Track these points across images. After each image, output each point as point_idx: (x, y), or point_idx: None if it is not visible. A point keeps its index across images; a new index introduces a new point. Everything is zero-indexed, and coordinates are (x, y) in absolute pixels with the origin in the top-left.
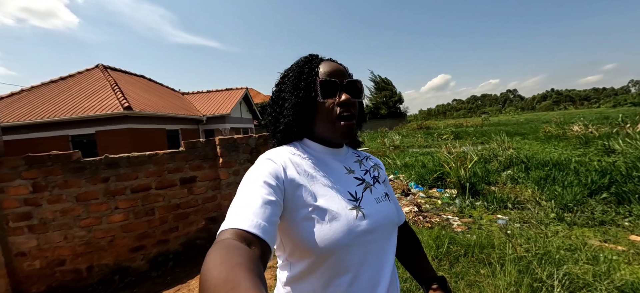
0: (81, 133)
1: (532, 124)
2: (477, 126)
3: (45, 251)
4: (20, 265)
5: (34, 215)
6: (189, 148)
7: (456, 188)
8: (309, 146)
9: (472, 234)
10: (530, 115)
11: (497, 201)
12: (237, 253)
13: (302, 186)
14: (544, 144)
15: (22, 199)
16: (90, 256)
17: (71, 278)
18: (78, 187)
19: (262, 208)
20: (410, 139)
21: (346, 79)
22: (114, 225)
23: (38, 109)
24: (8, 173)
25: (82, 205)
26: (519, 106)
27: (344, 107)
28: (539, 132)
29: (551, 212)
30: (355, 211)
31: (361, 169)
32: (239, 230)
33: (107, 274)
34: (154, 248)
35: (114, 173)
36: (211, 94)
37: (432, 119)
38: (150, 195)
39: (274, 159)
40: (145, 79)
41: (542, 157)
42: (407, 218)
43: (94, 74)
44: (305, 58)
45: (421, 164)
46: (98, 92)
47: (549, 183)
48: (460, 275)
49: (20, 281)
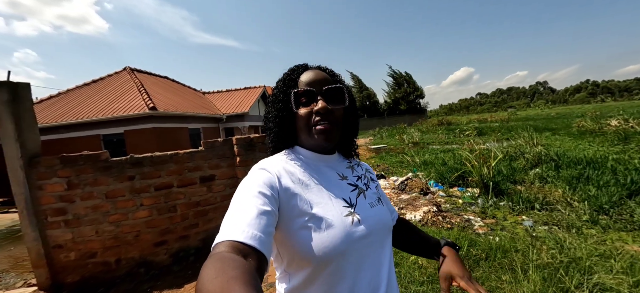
0: (111, 132)
1: (564, 119)
2: (503, 121)
3: (78, 244)
4: (57, 256)
5: (69, 211)
6: (208, 147)
7: (479, 187)
8: (301, 154)
9: (495, 236)
10: (562, 109)
11: (523, 201)
12: (232, 266)
13: (297, 195)
14: (577, 140)
15: (58, 195)
16: (118, 249)
17: (101, 270)
18: (107, 185)
19: (258, 218)
20: (431, 135)
21: (325, 86)
22: (139, 221)
23: (73, 110)
24: (45, 172)
25: (111, 201)
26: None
27: (319, 115)
28: (571, 127)
29: (584, 214)
30: (351, 217)
31: (353, 175)
32: (234, 242)
33: (133, 267)
34: (175, 243)
35: (138, 171)
36: (230, 93)
37: (454, 115)
38: (172, 192)
39: (268, 168)
40: (169, 80)
41: (575, 154)
42: (425, 218)
43: (122, 76)
44: (290, 69)
45: (441, 162)
46: (126, 93)
47: (582, 182)
48: (480, 280)
49: (58, 271)
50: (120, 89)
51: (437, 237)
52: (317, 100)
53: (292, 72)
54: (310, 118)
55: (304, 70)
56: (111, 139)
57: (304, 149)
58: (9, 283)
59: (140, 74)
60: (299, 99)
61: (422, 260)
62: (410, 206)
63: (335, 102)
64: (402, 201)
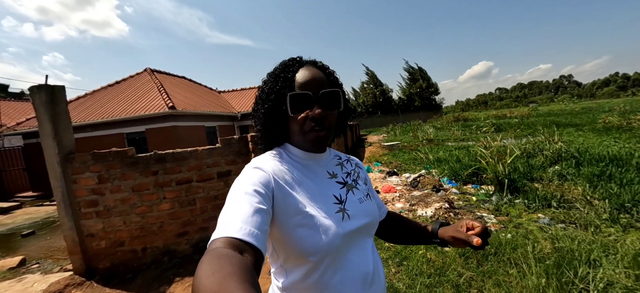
0: (134, 130)
1: (589, 114)
2: (523, 117)
3: (109, 233)
4: (90, 244)
5: (100, 203)
6: (225, 144)
7: (493, 184)
8: (292, 153)
9: (508, 233)
10: (588, 103)
11: (540, 199)
12: (228, 262)
13: (289, 194)
14: (602, 136)
15: (90, 189)
16: (144, 239)
17: (129, 257)
18: (133, 179)
19: (253, 216)
20: (446, 132)
21: (322, 90)
22: (162, 213)
23: (99, 110)
24: (79, 167)
25: (137, 194)
26: (575, 94)
27: (315, 122)
28: (597, 122)
29: (604, 213)
30: (342, 213)
31: (343, 172)
32: (230, 238)
33: (158, 255)
34: (196, 234)
35: (161, 167)
36: (245, 92)
37: (471, 111)
38: (192, 186)
39: (262, 167)
40: (186, 80)
41: (598, 151)
42: (436, 214)
43: (143, 77)
44: (284, 64)
45: (455, 159)
46: (147, 93)
47: (603, 180)
48: (488, 273)
49: (90, 258)
50: (142, 90)
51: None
52: (312, 105)
53: (286, 69)
54: (304, 122)
55: (299, 67)
56: (134, 137)
57: (294, 148)
58: (46, 269)
59: (160, 75)
60: (295, 103)
61: (430, 254)
62: (422, 202)
63: (331, 107)
64: (414, 197)
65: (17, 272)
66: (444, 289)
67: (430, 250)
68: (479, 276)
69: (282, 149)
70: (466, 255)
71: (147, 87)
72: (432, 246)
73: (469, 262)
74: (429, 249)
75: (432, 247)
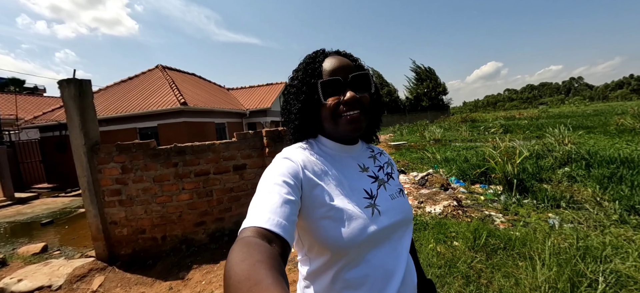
0: (146, 126)
1: (601, 116)
2: (533, 119)
3: (131, 221)
4: (113, 231)
5: (123, 192)
6: (240, 138)
7: (502, 184)
8: (324, 144)
9: (516, 232)
10: (600, 105)
11: (549, 199)
12: (258, 251)
13: (318, 186)
14: (614, 138)
15: (114, 178)
16: (164, 227)
17: (150, 245)
18: (155, 170)
19: (282, 207)
20: (453, 132)
21: (351, 73)
22: (182, 203)
23: (112, 106)
24: (104, 157)
25: (158, 185)
26: (586, 96)
27: (348, 106)
28: (609, 125)
29: (614, 214)
30: (371, 208)
31: (375, 166)
32: (260, 228)
33: (177, 243)
34: (212, 224)
35: (181, 159)
36: (253, 89)
37: (479, 111)
38: (209, 178)
39: (292, 158)
40: (196, 77)
41: (609, 153)
42: (445, 211)
43: (155, 73)
44: (309, 57)
45: (463, 159)
46: (159, 90)
47: (614, 182)
48: (497, 266)
49: (113, 244)
50: (154, 86)
51: None
52: (344, 89)
53: (313, 60)
54: (337, 108)
55: (325, 57)
56: (146, 132)
57: (327, 139)
58: (69, 255)
59: (171, 72)
60: (325, 90)
61: (440, 247)
62: (430, 200)
63: (361, 90)
64: (422, 195)
65: (41, 257)
66: (453, 279)
67: (439, 243)
68: (488, 268)
69: (314, 141)
70: (475, 250)
71: (159, 83)
72: (441, 240)
73: (478, 255)
74: (438, 242)
75: (442, 241)
